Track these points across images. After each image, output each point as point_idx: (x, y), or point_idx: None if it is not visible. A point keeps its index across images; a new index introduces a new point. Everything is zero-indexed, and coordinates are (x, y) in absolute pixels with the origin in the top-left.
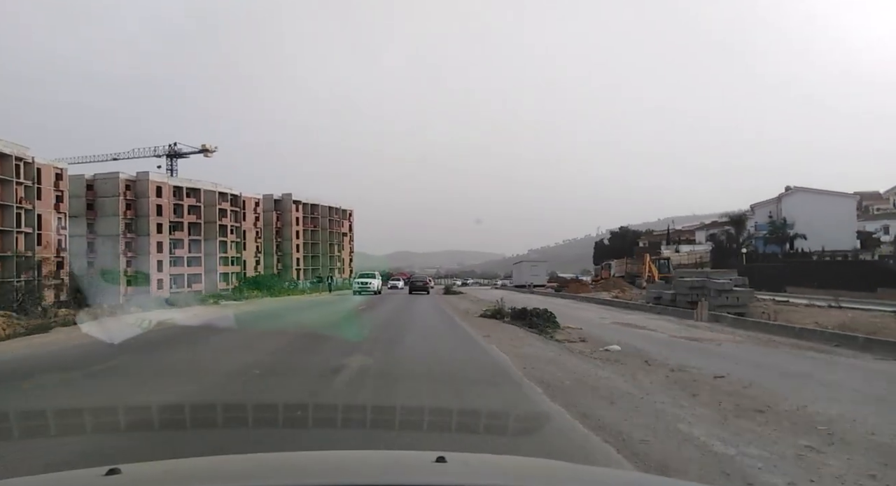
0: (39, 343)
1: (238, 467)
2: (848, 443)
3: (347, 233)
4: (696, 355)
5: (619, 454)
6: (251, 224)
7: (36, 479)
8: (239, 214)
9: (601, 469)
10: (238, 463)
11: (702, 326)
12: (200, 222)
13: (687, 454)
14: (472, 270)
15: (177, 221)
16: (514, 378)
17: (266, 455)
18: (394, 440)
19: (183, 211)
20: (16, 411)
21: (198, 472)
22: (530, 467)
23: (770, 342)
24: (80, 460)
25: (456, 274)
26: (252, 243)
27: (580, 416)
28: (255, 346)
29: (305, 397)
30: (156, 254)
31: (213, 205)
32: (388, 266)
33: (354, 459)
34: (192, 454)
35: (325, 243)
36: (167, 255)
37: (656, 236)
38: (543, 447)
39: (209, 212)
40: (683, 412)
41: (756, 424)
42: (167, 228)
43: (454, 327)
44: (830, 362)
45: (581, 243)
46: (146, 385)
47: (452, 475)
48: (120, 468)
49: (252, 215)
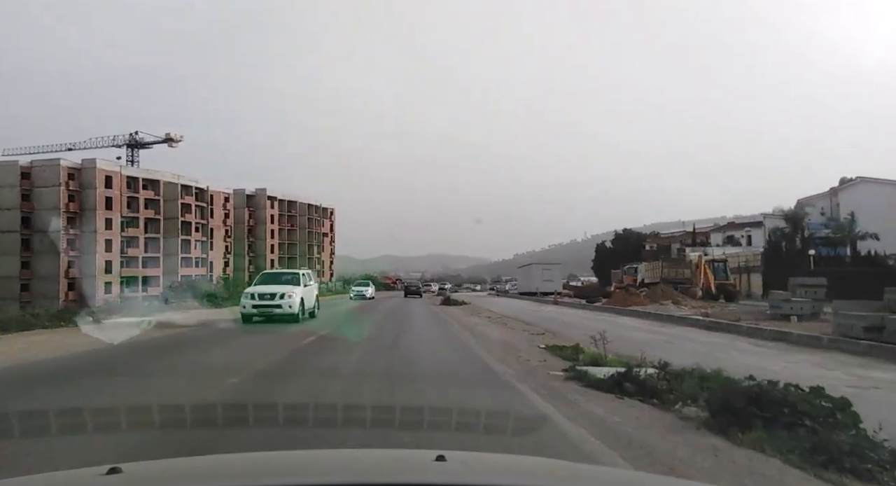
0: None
1: (238, 465)
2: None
3: (328, 233)
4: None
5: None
6: (220, 222)
7: (36, 478)
8: (206, 210)
9: (600, 468)
10: (238, 462)
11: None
12: (160, 218)
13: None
14: (458, 274)
15: (131, 216)
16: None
17: (266, 454)
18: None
19: (139, 205)
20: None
21: (198, 471)
22: (530, 465)
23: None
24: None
25: (442, 278)
26: (221, 242)
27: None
28: None
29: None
30: (104, 253)
31: (174, 199)
32: (375, 270)
33: (354, 457)
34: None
35: (304, 244)
36: (118, 254)
37: (664, 239)
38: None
39: (170, 207)
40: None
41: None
42: (118, 224)
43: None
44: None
45: (567, 247)
46: None
47: (452, 473)
48: (121, 467)
49: (221, 212)
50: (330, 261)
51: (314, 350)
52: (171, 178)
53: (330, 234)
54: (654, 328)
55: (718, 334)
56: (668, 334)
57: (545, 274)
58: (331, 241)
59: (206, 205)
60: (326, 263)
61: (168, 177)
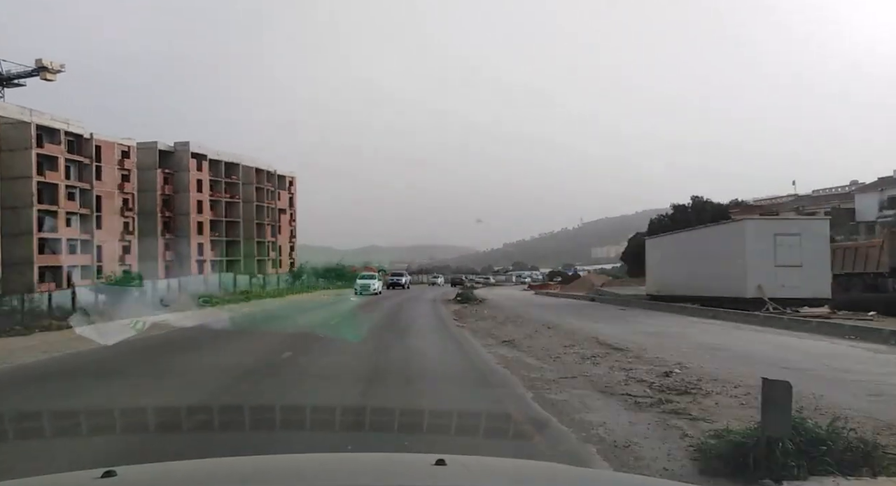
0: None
1: (233, 469)
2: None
3: (287, 210)
4: None
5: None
6: (114, 187)
7: (30, 481)
8: (88, 168)
9: (600, 472)
10: (233, 465)
11: None
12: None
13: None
14: (445, 265)
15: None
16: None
17: (263, 458)
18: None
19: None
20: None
21: (193, 474)
22: (530, 470)
23: None
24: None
25: (427, 269)
26: (115, 217)
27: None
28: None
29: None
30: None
31: (22, 147)
32: (357, 263)
33: (353, 461)
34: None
35: (250, 223)
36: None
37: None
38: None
39: (16, 160)
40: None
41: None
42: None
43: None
44: None
45: (558, 236)
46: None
47: (452, 477)
48: (115, 470)
49: (115, 173)
50: (290, 246)
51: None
52: (17, 113)
53: (290, 211)
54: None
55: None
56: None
57: (788, 246)
58: (291, 220)
59: (88, 161)
60: (285, 249)
61: (11, 112)
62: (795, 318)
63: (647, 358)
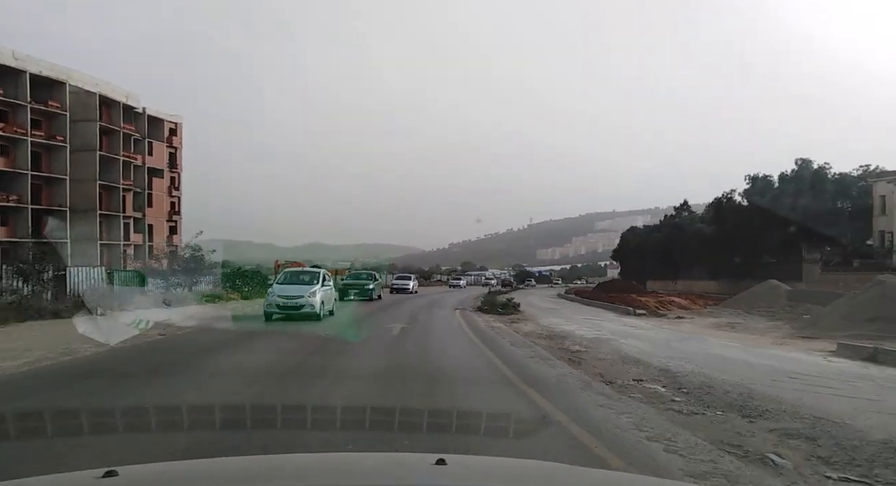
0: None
1: (235, 469)
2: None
3: (164, 172)
4: None
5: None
6: None
7: (30, 481)
8: None
9: (601, 472)
10: (235, 465)
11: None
12: None
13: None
14: (391, 263)
15: None
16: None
17: (264, 457)
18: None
19: None
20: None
21: (194, 474)
22: (530, 469)
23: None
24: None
25: (374, 268)
26: None
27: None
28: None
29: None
30: None
31: None
32: (301, 258)
33: (354, 461)
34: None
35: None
36: None
37: None
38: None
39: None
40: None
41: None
42: None
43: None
44: None
45: (504, 237)
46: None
47: (452, 477)
48: (117, 470)
49: None
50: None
51: None
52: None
53: (170, 174)
54: None
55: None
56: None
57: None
58: (172, 187)
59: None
60: (162, 227)
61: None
62: None
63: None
